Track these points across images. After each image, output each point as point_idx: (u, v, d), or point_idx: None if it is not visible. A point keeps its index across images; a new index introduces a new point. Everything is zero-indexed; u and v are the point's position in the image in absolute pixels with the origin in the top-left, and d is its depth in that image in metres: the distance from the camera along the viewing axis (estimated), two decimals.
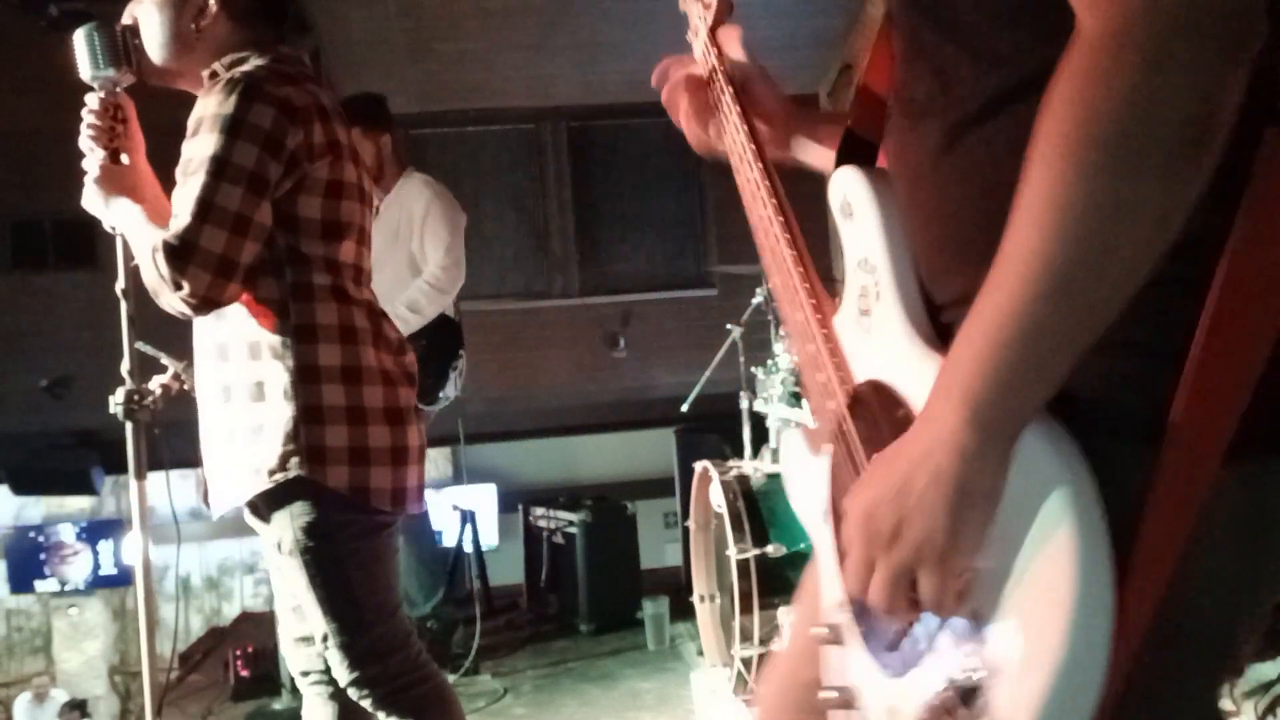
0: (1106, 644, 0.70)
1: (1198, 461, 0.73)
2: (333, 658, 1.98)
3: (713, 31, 1.24)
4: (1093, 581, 0.70)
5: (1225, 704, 3.32)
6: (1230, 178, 0.72)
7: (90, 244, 7.29)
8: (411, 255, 3.98)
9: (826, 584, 1.01)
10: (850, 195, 0.97)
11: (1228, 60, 0.68)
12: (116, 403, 2.15)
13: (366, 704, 2.00)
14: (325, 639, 1.96)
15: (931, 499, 0.76)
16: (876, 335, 0.94)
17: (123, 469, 2.21)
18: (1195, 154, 0.69)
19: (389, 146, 4.01)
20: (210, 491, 2.03)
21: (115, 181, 1.98)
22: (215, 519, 2.05)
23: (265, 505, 1.93)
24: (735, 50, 1.22)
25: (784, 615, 3.33)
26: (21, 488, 8.25)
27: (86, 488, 8.01)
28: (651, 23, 7.64)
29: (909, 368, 0.88)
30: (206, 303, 1.82)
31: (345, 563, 1.93)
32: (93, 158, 1.99)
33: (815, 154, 1.22)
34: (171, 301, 1.83)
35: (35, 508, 9.64)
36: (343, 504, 1.91)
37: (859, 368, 0.96)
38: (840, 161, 1.00)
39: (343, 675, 1.98)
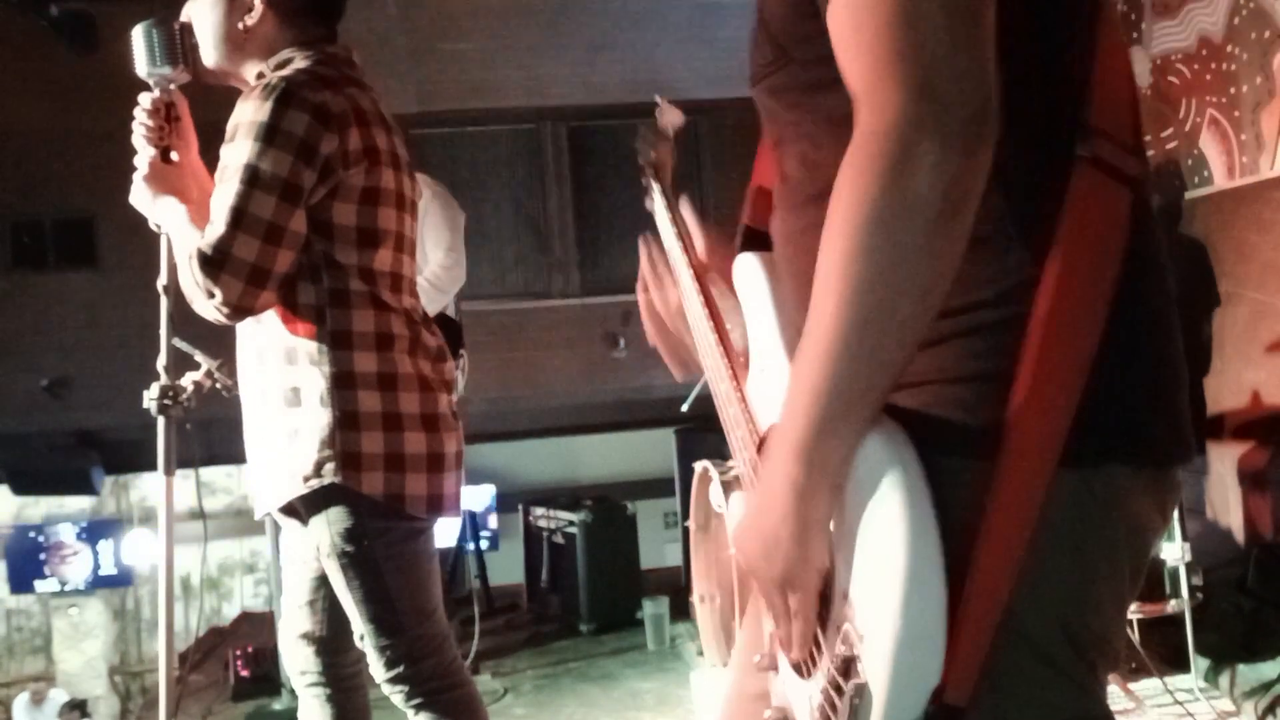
0: (938, 612, 0.83)
1: (1033, 468, 0.85)
2: (370, 657, 2.01)
3: (657, 170, 1.53)
4: (921, 562, 0.83)
5: (1225, 704, 3.33)
6: (1039, 220, 0.87)
7: (90, 244, 7.29)
8: None
9: (765, 617, 1.10)
10: (746, 276, 1.17)
11: (967, 155, 0.81)
12: (151, 398, 2.15)
13: (398, 701, 2.03)
14: (363, 638, 1.99)
15: (783, 535, 0.89)
16: (773, 388, 1.08)
17: (122, 469, 2.22)
18: (946, 228, 0.82)
19: None
20: (252, 494, 2.04)
21: (163, 180, 1.97)
22: (257, 519, 2.06)
23: (303, 509, 1.95)
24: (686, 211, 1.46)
25: None
26: (21, 488, 8.25)
27: (86, 488, 8.01)
28: (651, 23, 7.65)
29: None
30: (239, 311, 1.83)
31: (382, 568, 1.94)
32: (143, 155, 1.98)
33: None
34: (205, 308, 1.83)
35: (35, 508, 9.65)
36: (378, 510, 1.91)
37: (764, 418, 1.11)
38: (740, 249, 1.19)
39: (378, 673, 2.01)
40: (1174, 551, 3.27)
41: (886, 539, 0.84)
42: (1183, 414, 0.95)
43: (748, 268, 1.17)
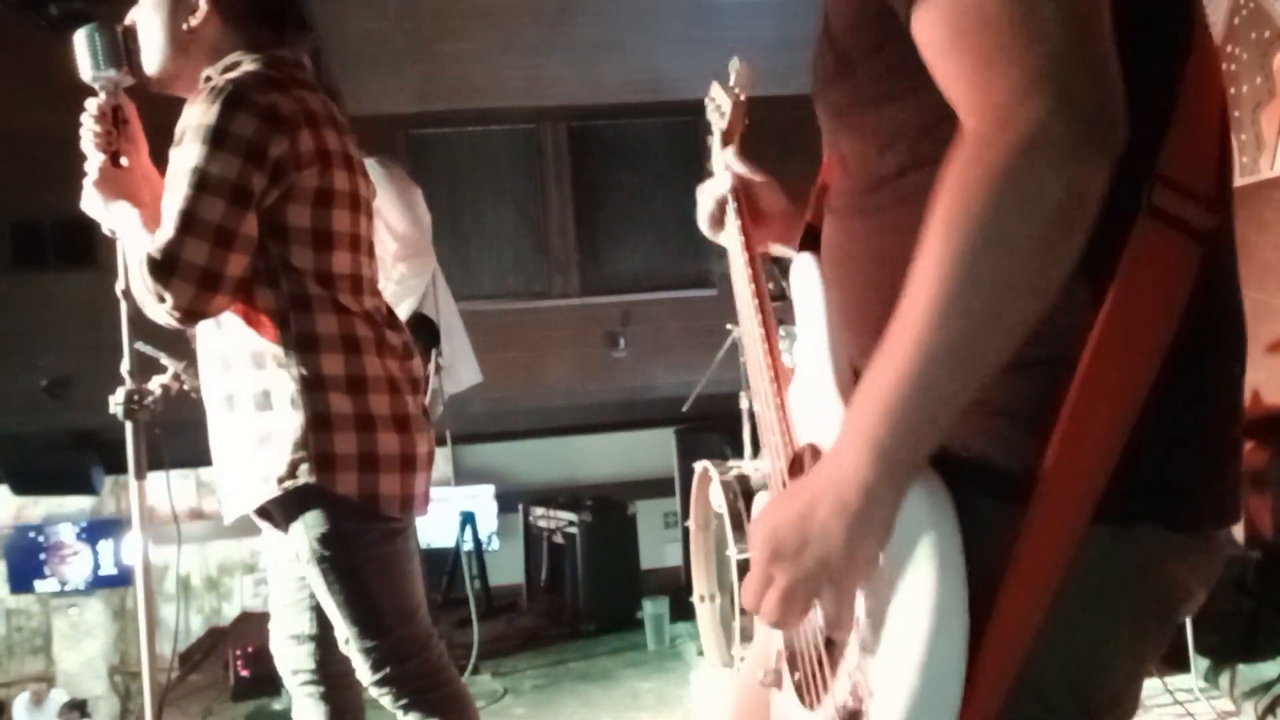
0: (954, 690, 0.79)
1: (1062, 520, 0.83)
2: (355, 660, 2.01)
3: (725, 137, 1.48)
4: (946, 619, 0.79)
5: (1225, 704, 3.33)
6: (1099, 265, 0.83)
7: (90, 244, 7.27)
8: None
9: (774, 634, 1.08)
10: (801, 278, 1.13)
11: (1091, 158, 0.78)
12: (116, 403, 2.15)
13: (386, 702, 2.03)
14: (347, 641, 1.99)
15: (833, 525, 0.85)
16: (815, 400, 1.05)
17: (123, 469, 2.22)
18: (1064, 236, 0.79)
19: None
20: (221, 498, 2.04)
21: (114, 184, 1.97)
22: (227, 523, 2.06)
23: (279, 513, 1.94)
24: (740, 164, 1.43)
25: None
26: (21, 488, 8.25)
27: (86, 488, 8.02)
28: (651, 23, 7.64)
29: (835, 430, 0.95)
30: (191, 315, 1.82)
31: (363, 570, 1.94)
32: (92, 160, 1.98)
33: None
34: (157, 313, 1.83)
35: (35, 508, 9.63)
36: (355, 512, 1.91)
37: (801, 431, 1.07)
38: (800, 250, 1.15)
39: (365, 676, 2.01)
40: None
41: (912, 607, 0.81)
42: (1230, 484, 0.92)
43: (805, 269, 1.13)
